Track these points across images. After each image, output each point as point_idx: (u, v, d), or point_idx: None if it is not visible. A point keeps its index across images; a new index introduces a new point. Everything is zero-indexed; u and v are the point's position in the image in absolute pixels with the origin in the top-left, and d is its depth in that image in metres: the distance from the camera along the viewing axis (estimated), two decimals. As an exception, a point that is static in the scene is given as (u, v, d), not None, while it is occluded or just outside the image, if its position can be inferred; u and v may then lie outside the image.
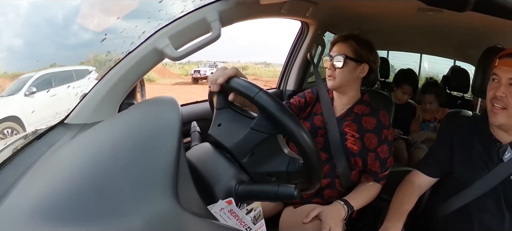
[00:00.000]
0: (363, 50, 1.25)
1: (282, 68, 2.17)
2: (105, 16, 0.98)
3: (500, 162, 1.10)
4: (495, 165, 1.10)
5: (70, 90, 3.15)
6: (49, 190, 0.50)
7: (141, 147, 0.56)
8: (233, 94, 0.79)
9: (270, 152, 0.72)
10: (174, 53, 0.89)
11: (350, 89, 1.30)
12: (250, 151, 0.71)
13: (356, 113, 1.29)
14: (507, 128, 1.09)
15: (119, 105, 0.94)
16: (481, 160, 1.13)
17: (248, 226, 0.64)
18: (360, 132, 1.25)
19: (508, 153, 1.09)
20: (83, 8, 0.99)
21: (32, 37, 1.06)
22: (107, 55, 0.93)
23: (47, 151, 0.76)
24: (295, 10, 1.56)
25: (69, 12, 1.11)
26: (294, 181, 0.73)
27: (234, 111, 0.77)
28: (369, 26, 2.11)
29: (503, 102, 1.04)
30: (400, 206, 1.18)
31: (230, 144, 0.71)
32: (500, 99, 1.04)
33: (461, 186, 1.15)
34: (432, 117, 2.49)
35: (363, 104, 1.31)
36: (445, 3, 0.80)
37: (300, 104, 1.38)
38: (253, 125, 0.70)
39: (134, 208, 0.46)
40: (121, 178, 0.49)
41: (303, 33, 1.98)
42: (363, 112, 1.29)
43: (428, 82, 2.61)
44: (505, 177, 1.08)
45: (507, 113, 1.04)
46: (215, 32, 0.92)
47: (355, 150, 1.24)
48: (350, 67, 1.24)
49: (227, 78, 0.73)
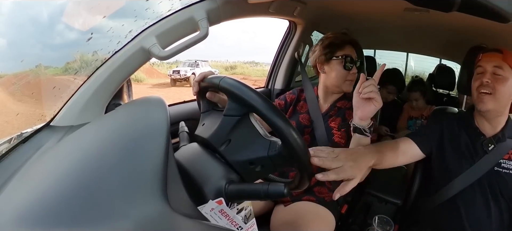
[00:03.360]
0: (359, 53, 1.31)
1: (270, 67, 2.18)
2: (91, 15, 0.96)
3: (484, 154, 1.14)
4: (480, 157, 1.14)
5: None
6: (36, 195, 0.49)
7: (129, 149, 0.55)
8: (209, 93, 0.85)
9: (247, 137, 0.72)
10: (161, 52, 0.88)
11: (343, 89, 1.33)
12: (226, 137, 0.71)
13: (339, 108, 1.33)
14: (494, 114, 1.13)
15: (105, 106, 0.92)
16: (468, 152, 1.17)
17: (239, 226, 0.64)
18: (345, 126, 1.27)
19: (491, 145, 1.13)
20: (68, 7, 0.97)
21: (16, 37, 1.03)
22: (93, 55, 0.91)
23: (33, 154, 0.74)
24: (283, 9, 1.57)
25: (54, 11, 1.09)
26: (279, 166, 0.73)
27: (216, 111, 0.82)
28: (357, 25, 2.13)
29: (489, 88, 1.08)
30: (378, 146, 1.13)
31: (207, 135, 0.73)
32: (486, 85, 1.09)
33: (448, 178, 1.19)
34: (419, 114, 2.54)
35: (345, 100, 1.34)
36: (432, 4, 0.81)
37: (280, 107, 1.41)
38: (225, 111, 0.72)
39: (123, 211, 0.45)
40: (110, 180, 0.49)
41: (291, 33, 1.99)
42: (346, 106, 1.32)
43: (414, 81, 2.68)
44: (489, 168, 1.12)
45: (494, 98, 1.08)
46: (203, 31, 0.91)
47: (343, 143, 1.26)
48: (354, 69, 1.30)
49: (202, 77, 0.83)
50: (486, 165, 1.13)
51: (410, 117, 2.58)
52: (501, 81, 1.08)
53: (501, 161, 1.13)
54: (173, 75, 15.13)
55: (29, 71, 0.94)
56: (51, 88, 0.93)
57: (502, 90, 1.08)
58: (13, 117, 0.90)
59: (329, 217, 1.27)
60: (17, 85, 0.92)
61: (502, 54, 1.09)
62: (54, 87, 0.93)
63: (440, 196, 1.21)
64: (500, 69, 1.08)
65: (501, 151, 1.13)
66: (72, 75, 0.91)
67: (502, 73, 1.08)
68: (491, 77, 1.09)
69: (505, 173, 1.12)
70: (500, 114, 1.14)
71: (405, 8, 1.58)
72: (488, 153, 1.14)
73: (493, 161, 1.13)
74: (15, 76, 0.94)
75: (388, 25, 2.14)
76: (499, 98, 1.09)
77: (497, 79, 1.08)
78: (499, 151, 1.13)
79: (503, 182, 1.11)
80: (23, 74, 0.94)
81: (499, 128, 1.15)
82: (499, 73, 1.08)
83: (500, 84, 1.07)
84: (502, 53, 1.09)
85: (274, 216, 1.30)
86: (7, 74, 0.96)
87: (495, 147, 1.13)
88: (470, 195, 1.15)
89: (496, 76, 1.08)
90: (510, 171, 1.11)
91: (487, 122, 1.16)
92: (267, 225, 1.29)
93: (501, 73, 1.08)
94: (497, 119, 1.15)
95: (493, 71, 1.09)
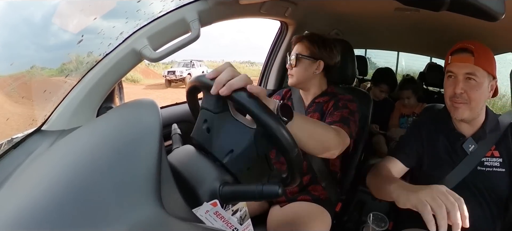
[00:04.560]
0: (316, 48, 1.29)
1: (262, 67, 2.18)
2: (82, 16, 0.95)
3: (465, 155, 1.12)
4: (461, 158, 1.13)
5: None
6: (28, 201, 0.48)
7: (122, 152, 0.54)
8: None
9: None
10: (153, 54, 0.87)
11: (311, 85, 1.35)
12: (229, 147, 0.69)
13: (317, 103, 1.33)
14: (470, 120, 1.11)
15: (97, 109, 0.91)
16: (448, 155, 1.16)
17: (235, 227, 0.64)
18: (323, 119, 1.27)
19: (472, 145, 1.11)
20: (59, 8, 0.95)
21: (9, 38, 1.00)
22: (88, 55, 0.90)
23: (24, 160, 0.73)
24: (274, 10, 1.57)
25: (48, 12, 1.07)
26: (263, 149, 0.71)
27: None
28: (348, 25, 2.15)
29: (463, 98, 1.04)
30: (387, 176, 1.12)
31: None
32: (460, 95, 1.05)
33: (431, 182, 1.18)
34: (411, 112, 2.57)
35: (326, 95, 1.35)
36: (422, 3, 0.82)
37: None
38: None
39: (117, 215, 0.44)
40: (103, 185, 0.48)
41: (283, 33, 1.99)
42: (325, 100, 1.33)
43: (405, 79, 2.71)
44: (472, 168, 1.11)
45: (469, 107, 1.05)
46: (194, 32, 0.91)
47: None
48: (304, 65, 1.30)
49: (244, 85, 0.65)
50: (468, 166, 1.11)
51: (402, 115, 2.61)
52: (475, 89, 1.03)
53: (483, 159, 1.10)
54: (168, 76, 14.64)
55: (25, 72, 0.93)
56: (50, 89, 0.92)
57: (477, 98, 1.04)
58: (11, 117, 0.89)
59: (325, 216, 1.28)
60: (12, 86, 0.91)
61: (473, 56, 1.02)
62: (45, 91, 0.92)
63: None
64: (474, 75, 1.02)
65: (483, 149, 1.11)
66: (69, 76, 0.90)
67: (476, 79, 1.02)
68: (464, 86, 1.03)
69: (488, 171, 1.10)
70: (476, 116, 1.10)
71: (396, 8, 1.60)
72: (469, 155, 1.11)
73: (476, 161, 1.11)
74: (10, 77, 0.93)
75: (379, 25, 2.16)
76: (475, 106, 1.05)
77: (471, 87, 1.03)
78: (481, 150, 1.11)
79: (487, 180, 1.10)
80: (19, 75, 0.92)
81: (478, 125, 1.12)
82: (472, 79, 1.03)
83: (474, 92, 1.03)
84: (474, 55, 1.02)
85: (270, 217, 1.30)
86: (2, 76, 0.94)
87: (476, 147, 1.10)
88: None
89: (470, 82, 1.03)
90: (493, 168, 1.09)
91: (465, 123, 1.13)
92: (263, 225, 1.29)
93: (474, 79, 1.03)
94: (475, 119, 1.12)
95: (465, 78, 1.04)
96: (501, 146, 1.11)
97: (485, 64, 1.02)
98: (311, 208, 1.27)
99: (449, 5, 0.66)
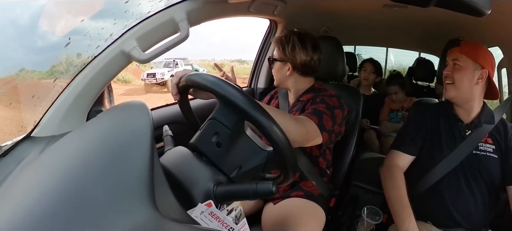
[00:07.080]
0: (283, 50, 1.30)
1: (252, 66, 2.17)
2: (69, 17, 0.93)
3: (462, 140, 1.24)
4: (459, 142, 1.24)
5: None
6: (20, 210, 0.47)
7: (113, 156, 0.53)
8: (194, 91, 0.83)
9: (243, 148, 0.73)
10: (141, 55, 0.86)
11: (290, 85, 1.37)
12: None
13: (301, 101, 1.34)
14: (460, 101, 1.27)
15: (87, 113, 0.90)
16: (449, 138, 1.27)
17: (231, 227, 0.64)
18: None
19: (468, 131, 1.24)
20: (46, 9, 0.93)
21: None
22: (78, 57, 0.88)
23: (15, 168, 0.72)
24: (263, 8, 1.57)
25: (35, 13, 1.04)
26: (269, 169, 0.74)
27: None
28: (337, 22, 2.16)
29: (450, 78, 1.25)
30: (402, 198, 1.22)
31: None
32: (447, 76, 1.26)
33: (431, 165, 1.27)
34: (400, 106, 2.61)
35: (312, 92, 1.34)
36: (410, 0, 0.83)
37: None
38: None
39: (112, 220, 0.44)
40: (95, 190, 0.47)
41: (272, 31, 1.99)
42: (308, 98, 1.32)
43: (391, 75, 2.80)
44: (468, 153, 1.22)
45: (454, 87, 1.24)
46: (183, 32, 0.90)
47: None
48: (276, 67, 1.35)
49: (178, 79, 0.80)
50: (465, 150, 1.23)
51: (392, 110, 2.65)
52: (458, 71, 1.23)
53: (479, 144, 1.23)
54: (148, 79, 12.55)
55: (15, 75, 0.91)
56: (39, 93, 0.90)
57: (459, 79, 1.22)
58: (2, 122, 0.87)
59: (319, 212, 1.28)
60: (2, 90, 0.89)
61: (459, 47, 1.25)
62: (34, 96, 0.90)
63: (423, 183, 1.28)
64: (457, 60, 1.23)
65: (478, 135, 1.23)
66: (58, 79, 0.88)
67: (459, 63, 1.23)
68: (451, 69, 1.25)
69: (483, 155, 1.22)
70: (466, 100, 1.26)
71: (384, 4, 1.61)
72: (466, 139, 1.24)
73: (472, 145, 1.23)
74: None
75: (368, 22, 2.18)
76: (458, 86, 1.23)
77: (455, 70, 1.24)
78: (477, 136, 1.23)
79: (481, 164, 1.21)
80: (8, 79, 0.90)
81: (474, 114, 1.27)
82: (456, 63, 1.24)
83: (457, 73, 1.23)
84: (460, 46, 1.26)
85: (264, 215, 1.30)
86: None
87: (472, 133, 1.24)
88: (452, 180, 1.23)
89: (454, 66, 1.24)
90: (487, 153, 1.22)
91: (461, 108, 1.28)
92: (258, 224, 1.29)
93: (458, 64, 1.23)
94: (467, 104, 1.26)
95: (452, 63, 1.25)
96: (494, 137, 1.24)
97: (469, 53, 1.22)
98: (304, 204, 1.27)
99: (437, 1, 0.67)
